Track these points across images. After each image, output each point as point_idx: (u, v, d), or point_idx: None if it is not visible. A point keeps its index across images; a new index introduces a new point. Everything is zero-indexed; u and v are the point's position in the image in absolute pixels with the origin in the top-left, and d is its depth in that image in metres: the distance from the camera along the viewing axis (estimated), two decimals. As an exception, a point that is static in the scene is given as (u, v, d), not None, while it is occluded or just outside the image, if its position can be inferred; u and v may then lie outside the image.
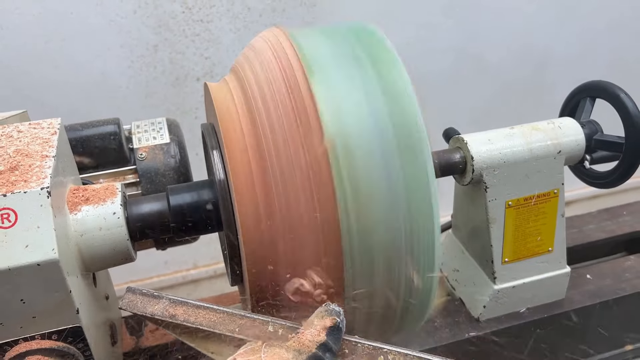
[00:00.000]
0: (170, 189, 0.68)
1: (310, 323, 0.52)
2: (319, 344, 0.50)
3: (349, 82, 0.58)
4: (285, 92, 0.58)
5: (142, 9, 1.34)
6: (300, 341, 0.50)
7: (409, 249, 0.58)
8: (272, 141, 0.58)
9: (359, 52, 0.61)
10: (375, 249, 0.57)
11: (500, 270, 0.89)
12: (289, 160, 0.57)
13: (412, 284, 0.61)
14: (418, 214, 0.57)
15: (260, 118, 0.59)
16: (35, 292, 0.54)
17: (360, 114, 0.57)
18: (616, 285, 1.00)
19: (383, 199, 0.56)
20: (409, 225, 0.57)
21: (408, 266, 0.59)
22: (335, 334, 0.51)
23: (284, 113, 0.57)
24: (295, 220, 0.57)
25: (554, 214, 0.88)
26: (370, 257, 0.58)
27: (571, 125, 0.86)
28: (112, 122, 0.83)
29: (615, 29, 1.78)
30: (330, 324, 0.51)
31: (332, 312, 0.53)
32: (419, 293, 0.62)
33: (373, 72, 0.60)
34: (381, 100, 0.58)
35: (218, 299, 1.01)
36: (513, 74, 1.76)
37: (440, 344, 0.89)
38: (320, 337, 0.50)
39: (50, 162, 0.58)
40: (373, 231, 0.57)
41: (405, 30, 1.57)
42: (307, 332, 0.51)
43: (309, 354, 0.49)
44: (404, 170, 0.57)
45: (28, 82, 1.31)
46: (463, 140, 0.82)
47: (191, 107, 1.50)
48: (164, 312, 0.58)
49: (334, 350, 0.51)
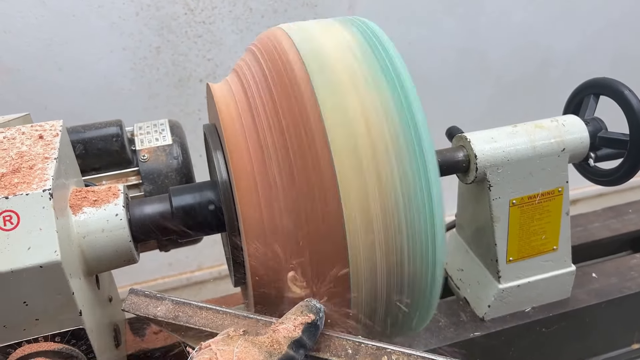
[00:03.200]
0: (172, 190, 0.68)
1: (288, 317, 0.52)
2: (292, 340, 0.50)
3: (351, 79, 0.58)
4: (286, 92, 0.58)
5: (145, 11, 1.34)
6: (274, 337, 0.50)
7: (411, 247, 0.58)
8: (274, 141, 0.57)
9: (358, 48, 0.61)
10: (377, 250, 0.57)
11: (505, 269, 0.89)
12: (292, 160, 0.56)
13: (413, 284, 0.61)
14: (419, 213, 0.57)
15: (261, 118, 0.59)
16: (38, 294, 0.54)
17: (363, 111, 0.57)
18: (622, 284, 0.99)
19: (387, 195, 0.56)
20: (411, 224, 0.57)
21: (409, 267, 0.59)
22: (311, 330, 0.51)
23: (285, 112, 0.57)
24: (301, 220, 0.56)
25: (558, 212, 0.88)
26: (373, 258, 0.57)
27: (575, 123, 0.85)
28: (115, 124, 0.83)
29: (618, 27, 1.78)
30: (307, 321, 0.51)
31: (312, 309, 0.53)
32: (420, 294, 0.62)
33: (374, 67, 0.59)
34: (385, 97, 0.58)
35: (222, 300, 1.01)
36: (516, 73, 1.75)
37: (444, 344, 0.89)
38: (295, 334, 0.50)
39: (52, 164, 0.58)
40: (377, 231, 0.56)
41: (408, 29, 1.56)
42: (282, 327, 0.51)
43: (279, 356, 0.48)
44: (409, 167, 0.56)
45: (31, 85, 1.31)
46: (466, 138, 0.82)
47: (194, 108, 1.50)
48: (167, 314, 0.58)
49: (308, 346, 0.51)
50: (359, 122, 0.56)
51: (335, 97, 0.57)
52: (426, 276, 0.60)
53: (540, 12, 1.67)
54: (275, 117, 0.58)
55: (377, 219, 0.56)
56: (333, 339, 0.55)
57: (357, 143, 0.55)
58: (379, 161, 0.56)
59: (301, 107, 0.56)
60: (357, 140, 0.56)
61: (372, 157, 0.56)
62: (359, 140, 0.56)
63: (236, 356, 0.47)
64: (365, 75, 0.59)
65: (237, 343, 0.49)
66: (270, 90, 0.59)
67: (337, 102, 0.57)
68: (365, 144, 0.56)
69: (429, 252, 0.59)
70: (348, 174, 0.55)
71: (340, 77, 0.58)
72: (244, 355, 0.47)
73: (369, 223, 0.56)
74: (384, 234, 0.57)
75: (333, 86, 0.57)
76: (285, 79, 0.58)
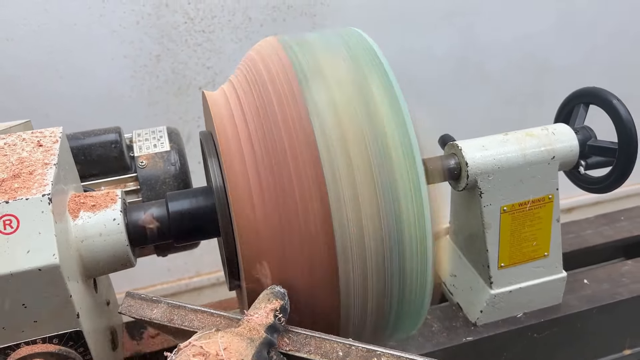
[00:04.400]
0: (169, 196, 0.70)
1: (258, 306, 0.55)
2: (267, 326, 0.53)
3: (343, 89, 0.60)
4: (279, 100, 0.60)
5: (145, 20, 1.36)
6: (250, 326, 0.53)
7: (401, 253, 0.59)
8: (268, 148, 0.59)
9: (350, 57, 0.63)
10: (369, 252, 0.59)
11: (497, 275, 0.90)
12: (286, 167, 0.58)
13: (404, 288, 0.62)
14: (409, 218, 0.59)
15: (255, 126, 0.60)
16: (36, 297, 0.56)
17: (356, 120, 0.58)
18: (613, 290, 1.01)
19: (376, 201, 0.57)
20: (400, 230, 0.59)
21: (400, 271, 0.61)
22: (282, 314, 0.55)
23: (279, 120, 0.59)
24: (292, 227, 0.58)
25: (549, 219, 0.89)
26: (364, 261, 0.59)
27: (565, 132, 0.87)
28: (113, 130, 0.85)
29: (614, 38, 1.79)
30: (277, 306, 0.55)
31: (278, 295, 0.56)
32: (412, 297, 0.63)
33: (366, 76, 0.61)
34: (376, 106, 0.59)
35: (218, 304, 1.02)
36: (513, 82, 1.76)
37: (437, 349, 0.90)
38: (268, 320, 0.54)
39: (52, 169, 0.60)
40: (367, 236, 0.58)
41: (406, 38, 1.58)
42: (255, 316, 0.54)
43: (260, 339, 0.52)
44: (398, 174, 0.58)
45: (32, 92, 1.33)
46: (457, 146, 0.83)
47: (193, 116, 1.51)
48: (162, 316, 0.60)
49: (280, 330, 0.55)
50: (352, 130, 0.58)
51: (327, 104, 0.59)
52: (416, 280, 0.62)
53: (538, 23, 1.69)
54: (270, 125, 0.59)
55: (368, 222, 0.58)
56: (324, 341, 0.56)
57: (351, 149, 0.57)
58: (371, 164, 0.57)
59: (295, 114, 0.58)
60: (351, 146, 0.57)
61: (363, 160, 0.57)
62: (352, 146, 0.57)
63: (222, 345, 0.49)
64: (357, 82, 0.60)
65: (218, 335, 0.51)
66: (264, 98, 0.61)
67: (330, 108, 0.58)
68: (357, 150, 0.57)
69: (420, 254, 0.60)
70: (338, 179, 0.57)
71: (331, 84, 0.60)
72: (229, 343, 0.50)
73: (361, 227, 0.58)
74: (374, 236, 0.58)
75: (324, 93, 0.59)
76: (279, 86, 0.60)
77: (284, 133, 0.58)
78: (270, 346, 0.53)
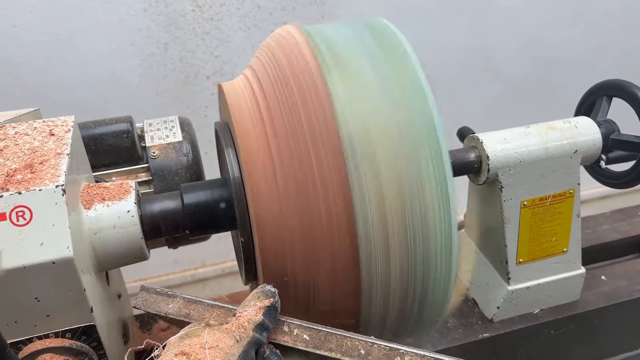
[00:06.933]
0: (184, 187, 0.68)
1: (247, 303, 0.55)
2: (256, 324, 0.52)
3: (366, 80, 0.58)
4: (300, 91, 0.57)
5: (153, 7, 1.33)
6: (239, 323, 0.52)
7: (425, 248, 0.58)
8: (287, 140, 0.57)
9: (374, 48, 0.61)
10: (392, 251, 0.57)
11: (515, 270, 0.88)
12: (305, 159, 0.56)
13: (427, 284, 0.60)
14: (434, 212, 0.57)
15: (274, 116, 0.58)
16: (49, 290, 0.54)
17: (379, 113, 0.56)
18: (631, 287, 0.99)
19: (400, 198, 0.56)
20: (425, 224, 0.57)
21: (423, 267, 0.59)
22: (271, 313, 0.54)
23: (300, 111, 0.57)
24: (313, 219, 0.56)
25: (569, 214, 0.87)
26: (387, 257, 0.57)
27: (588, 125, 0.84)
28: (125, 120, 0.83)
29: (626, 29, 1.77)
30: (267, 304, 0.54)
31: (269, 293, 0.55)
32: (434, 294, 0.62)
33: (389, 68, 0.59)
34: (399, 99, 0.57)
35: (233, 297, 1.00)
36: (523, 73, 1.74)
37: (453, 345, 0.89)
38: (258, 317, 0.53)
39: (65, 160, 0.58)
40: (391, 230, 0.56)
41: (416, 29, 1.56)
42: (245, 313, 0.53)
43: (248, 338, 0.51)
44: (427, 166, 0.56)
45: (39, 80, 1.31)
46: (478, 139, 0.81)
47: (201, 105, 1.50)
48: (178, 312, 0.58)
49: (269, 328, 0.54)
50: (375, 121, 0.56)
51: (350, 96, 0.57)
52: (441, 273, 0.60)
53: (549, 13, 1.67)
54: (289, 115, 0.57)
55: (391, 217, 0.56)
56: (345, 339, 0.55)
57: (375, 141, 0.55)
58: (395, 160, 0.55)
59: (317, 105, 0.56)
60: (375, 138, 0.55)
61: (387, 155, 0.55)
62: (377, 138, 0.55)
63: (207, 344, 0.48)
64: (382, 73, 0.58)
65: (203, 333, 0.50)
66: (284, 88, 0.59)
67: (353, 99, 0.56)
68: (383, 143, 0.55)
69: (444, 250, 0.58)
70: (363, 171, 0.55)
71: (355, 74, 0.58)
72: (214, 342, 0.48)
73: (382, 222, 0.56)
74: (397, 231, 0.56)
75: (349, 83, 0.57)
76: (300, 76, 0.58)
77: (309, 123, 0.56)
78: (258, 345, 0.52)
